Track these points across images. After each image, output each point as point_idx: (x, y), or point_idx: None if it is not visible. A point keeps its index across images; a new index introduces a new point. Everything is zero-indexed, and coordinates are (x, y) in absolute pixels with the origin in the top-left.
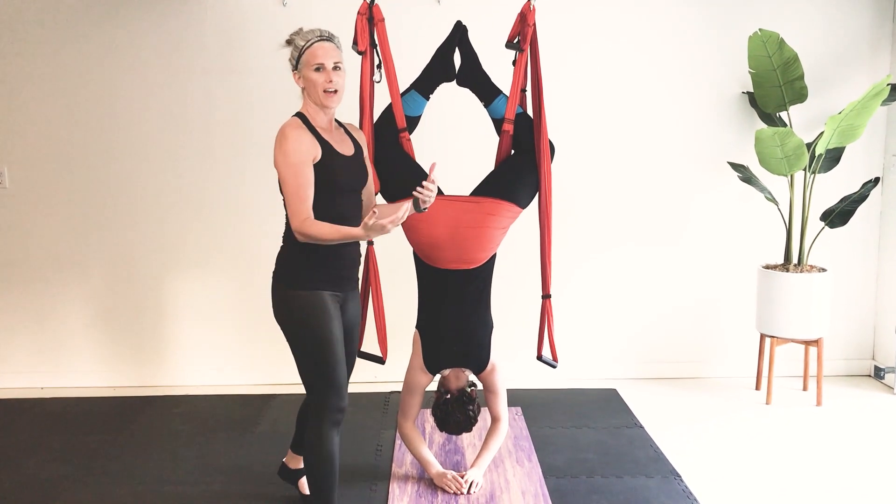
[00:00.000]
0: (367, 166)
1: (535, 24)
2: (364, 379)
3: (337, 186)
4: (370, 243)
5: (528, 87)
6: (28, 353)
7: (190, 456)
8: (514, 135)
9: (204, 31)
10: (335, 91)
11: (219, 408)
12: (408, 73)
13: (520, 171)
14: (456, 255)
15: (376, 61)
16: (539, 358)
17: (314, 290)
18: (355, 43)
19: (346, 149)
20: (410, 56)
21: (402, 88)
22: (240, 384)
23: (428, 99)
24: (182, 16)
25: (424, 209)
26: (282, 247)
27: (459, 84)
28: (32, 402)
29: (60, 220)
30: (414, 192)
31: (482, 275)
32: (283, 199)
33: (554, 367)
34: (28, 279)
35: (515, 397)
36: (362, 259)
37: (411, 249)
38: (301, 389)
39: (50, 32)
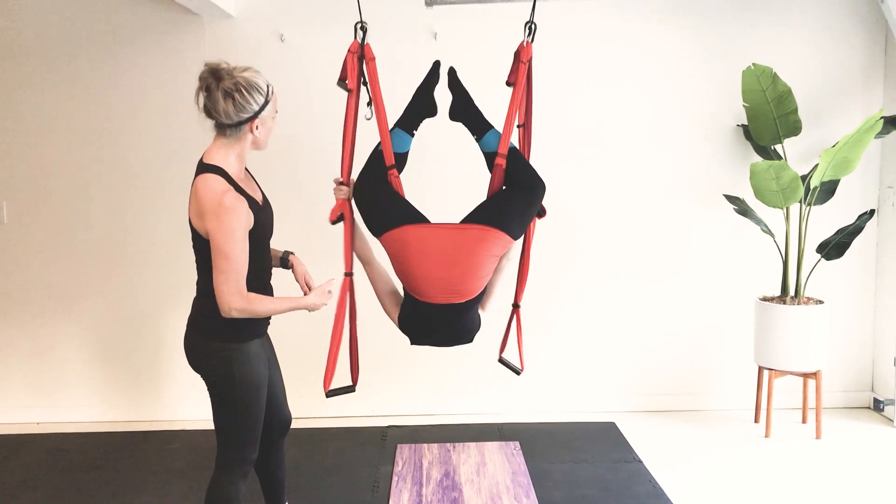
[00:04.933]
0: (271, 206)
1: (529, 61)
2: (361, 413)
3: (265, 239)
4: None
5: (523, 122)
6: (24, 388)
7: (186, 492)
8: (507, 170)
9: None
10: None
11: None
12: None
13: (511, 201)
14: (447, 284)
15: (366, 99)
16: (501, 360)
17: (249, 342)
18: (342, 80)
19: (257, 193)
20: (408, 91)
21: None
22: None
23: (412, 135)
24: (181, 52)
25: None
26: (203, 300)
27: (452, 118)
28: (28, 437)
29: (58, 255)
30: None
31: (470, 308)
32: (215, 269)
33: (518, 373)
34: (25, 314)
35: (513, 431)
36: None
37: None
38: (298, 423)
39: (49, 69)
